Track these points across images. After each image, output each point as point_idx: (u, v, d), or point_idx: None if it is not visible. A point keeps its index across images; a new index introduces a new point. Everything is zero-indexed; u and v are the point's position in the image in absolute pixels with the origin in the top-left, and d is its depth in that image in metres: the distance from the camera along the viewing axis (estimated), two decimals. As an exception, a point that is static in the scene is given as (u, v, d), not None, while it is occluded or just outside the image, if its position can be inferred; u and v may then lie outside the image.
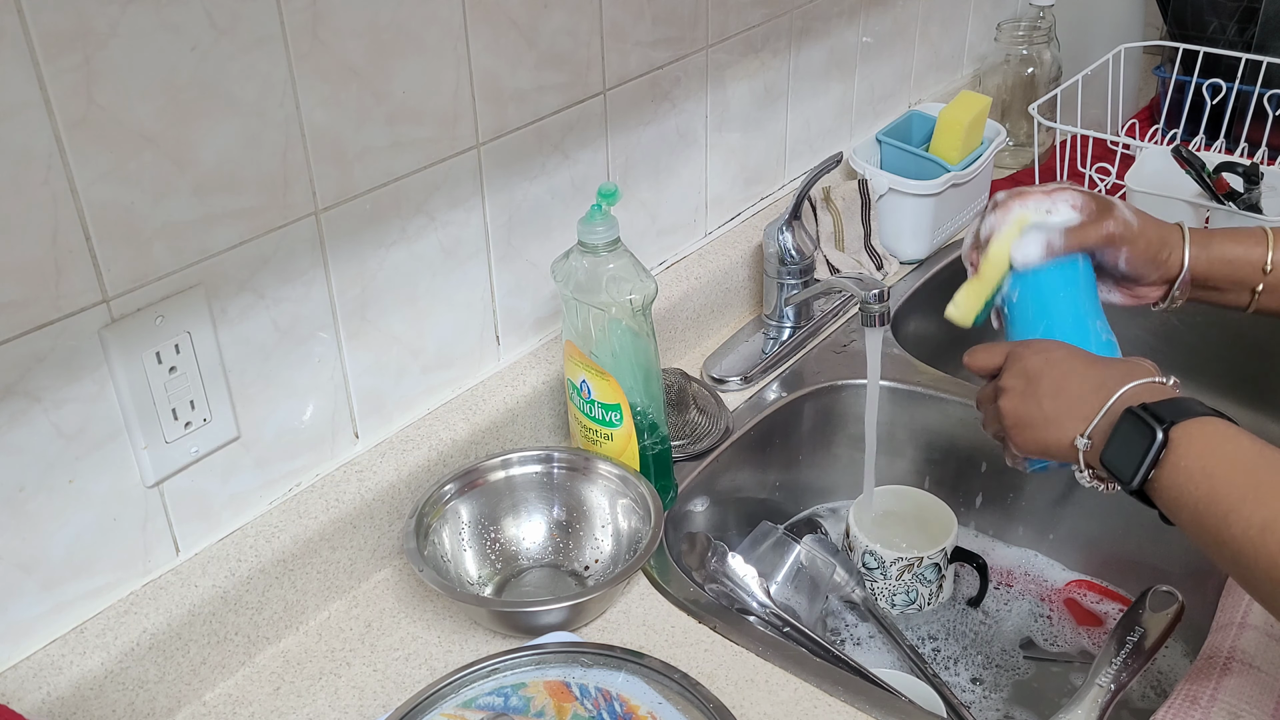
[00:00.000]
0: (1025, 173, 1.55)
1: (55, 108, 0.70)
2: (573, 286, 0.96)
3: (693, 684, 0.82)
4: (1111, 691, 0.87)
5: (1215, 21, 1.56)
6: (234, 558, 0.88)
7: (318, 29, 0.83)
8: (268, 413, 0.90)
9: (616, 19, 1.07)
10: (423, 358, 1.02)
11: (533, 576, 1.00)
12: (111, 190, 0.74)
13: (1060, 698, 1.00)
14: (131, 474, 0.82)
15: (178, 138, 0.77)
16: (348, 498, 0.94)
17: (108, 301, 0.77)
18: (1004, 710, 1.02)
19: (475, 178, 0.99)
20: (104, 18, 0.71)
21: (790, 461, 1.21)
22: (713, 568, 1.00)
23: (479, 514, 1.00)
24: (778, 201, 1.38)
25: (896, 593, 1.06)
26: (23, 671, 0.78)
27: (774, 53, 1.30)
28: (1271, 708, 0.79)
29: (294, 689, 0.88)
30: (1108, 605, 1.10)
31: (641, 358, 0.98)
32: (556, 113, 1.05)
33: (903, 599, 1.07)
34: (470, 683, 0.83)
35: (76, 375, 0.77)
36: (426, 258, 0.98)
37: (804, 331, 1.28)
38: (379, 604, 0.95)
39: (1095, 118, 1.53)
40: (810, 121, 1.41)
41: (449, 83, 0.94)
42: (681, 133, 1.21)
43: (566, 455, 1.02)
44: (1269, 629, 0.85)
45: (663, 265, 1.25)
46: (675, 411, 1.12)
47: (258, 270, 0.85)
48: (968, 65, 1.72)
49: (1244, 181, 1.24)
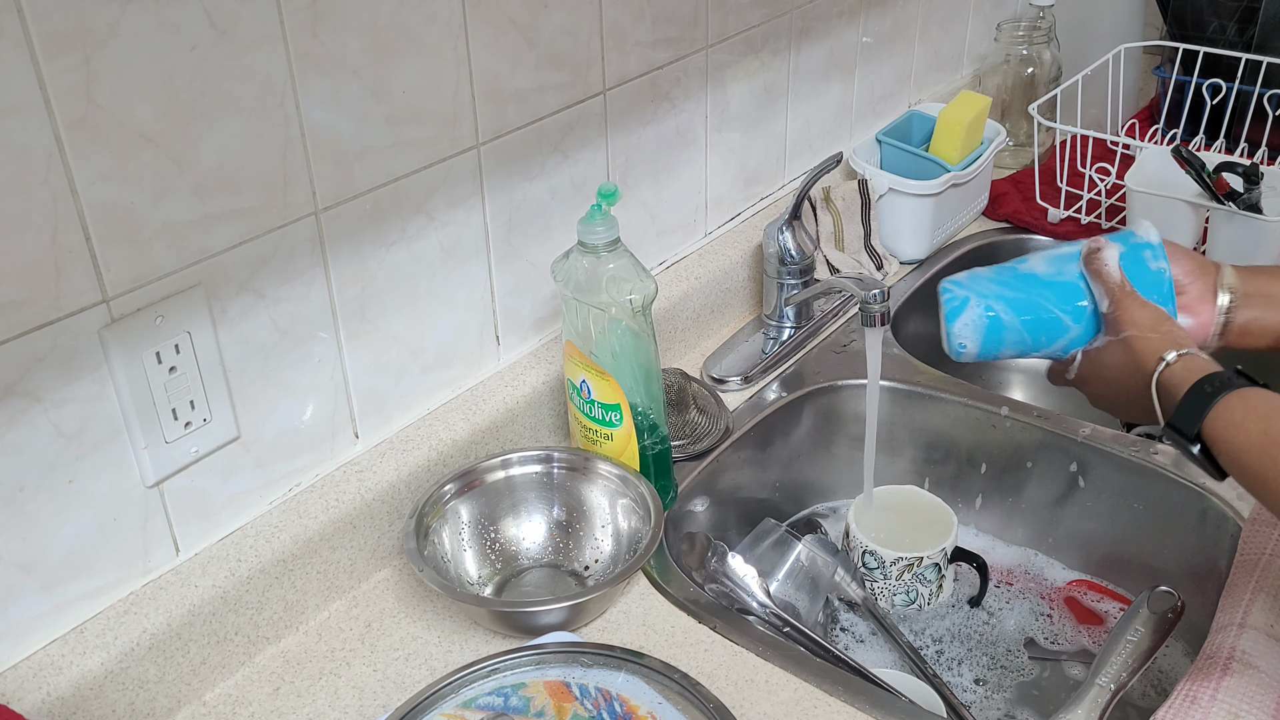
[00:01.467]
0: (1025, 173, 1.55)
1: (55, 107, 0.70)
2: (573, 286, 0.96)
3: (693, 684, 0.82)
4: (1112, 691, 0.87)
5: (1215, 21, 1.56)
6: (234, 558, 0.88)
7: (318, 29, 0.83)
8: (268, 413, 0.90)
9: (616, 19, 1.07)
10: (423, 358, 1.02)
11: (533, 576, 1.00)
12: (111, 190, 0.74)
13: (1061, 696, 1.00)
14: (131, 474, 0.82)
15: (178, 138, 0.77)
16: (348, 498, 0.94)
17: (108, 301, 0.77)
18: (1005, 710, 1.02)
19: (475, 178, 0.99)
20: (104, 18, 0.71)
21: (790, 461, 1.21)
22: (713, 568, 1.00)
23: (479, 514, 1.00)
24: (778, 201, 1.38)
25: (896, 593, 1.06)
26: (23, 671, 0.78)
27: (774, 53, 1.30)
28: (1271, 708, 0.79)
29: (294, 689, 0.88)
30: (1108, 604, 1.10)
31: (641, 358, 0.98)
32: (556, 113, 1.05)
33: (903, 599, 1.07)
34: (470, 683, 0.83)
35: (76, 375, 0.77)
36: (426, 258, 0.98)
37: (804, 331, 1.28)
38: (379, 604, 0.95)
39: (1095, 118, 1.53)
40: (810, 121, 1.41)
41: (449, 83, 0.94)
42: (681, 133, 1.21)
43: (566, 455, 1.02)
44: (1269, 629, 0.85)
45: (663, 265, 1.25)
46: (675, 411, 1.12)
47: (258, 270, 0.85)
48: (968, 65, 1.73)
49: (1244, 181, 1.24)
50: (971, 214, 1.49)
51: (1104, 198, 1.47)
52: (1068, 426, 1.13)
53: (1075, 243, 0.96)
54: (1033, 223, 1.47)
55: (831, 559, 1.06)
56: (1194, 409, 0.79)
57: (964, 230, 1.48)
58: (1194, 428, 0.78)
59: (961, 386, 1.20)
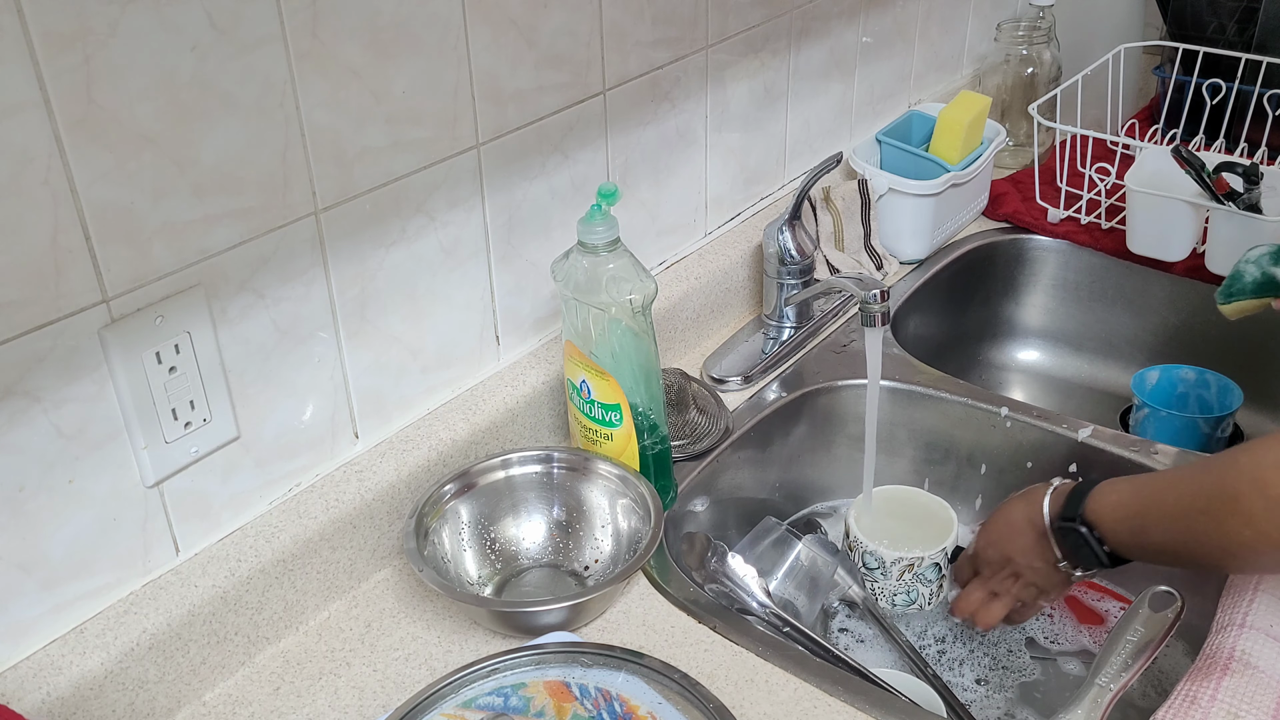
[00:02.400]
0: (1025, 173, 1.55)
1: (55, 108, 0.70)
2: (573, 286, 0.96)
3: (693, 684, 0.82)
4: (1112, 691, 0.87)
5: (1215, 21, 1.56)
6: (234, 558, 0.88)
7: (318, 29, 0.83)
8: (268, 413, 0.90)
9: (616, 19, 1.07)
10: (422, 358, 1.02)
11: (533, 576, 1.00)
12: (111, 190, 0.74)
13: (1061, 696, 1.00)
14: (131, 474, 0.82)
15: (178, 138, 0.77)
16: (348, 498, 0.94)
17: (108, 301, 0.77)
18: (1005, 709, 1.02)
19: (475, 178, 0.99)
20: (104, 18, 0.71)
21: (790, 461, 1.21)
22: (712, 568, 1.00)
23: (479, 514, 1.00)
24: (778, 201, 1.38)
25: (897, 593, 1.06)
26: (23, 671, 0.78)
27: (774, 53, 1.30)
28: (1271, 708, 0.79)
29: (294, 689, 0.88)
30: (1108, 604, 1.10)
31: (641, 358, 0.98)
32: (556, 113, 1.05)
33: (903, 599, 1.07)
34: (470, 683, 0.83)
35: (76, 375, 0.77)
36: (426, 258, 0.98)
37: (804, 331, 1.28)
38: (379, 604, 0.95)
39: (1095, 118, 1.53)
40: (810, 121, 1.41)
41: (449, 83, 0.94)
42: (681, 133, 1.21)
43: (566, 455, 1.02)
44: (1269, 629, 0.85)
45: (663, 265, 1.25)
46: (675, 411, 1.12)
47: (258, 270, 0.85)
48: (968, 65, 1.73)
49: (1244, 181, 1.24)
50: (971, 214, 1.49)
51: (1104, 198, 1.47)
52: (1068, 426, 1.13)
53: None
54: (1033, 223, 1.47)
55: (831, 559, 1.06)
56: (1077, 496, 0.93)
57: (964, 230, 1.48)
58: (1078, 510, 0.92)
59: (961, 386, 1.20)
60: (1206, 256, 1.31)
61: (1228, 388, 1.18)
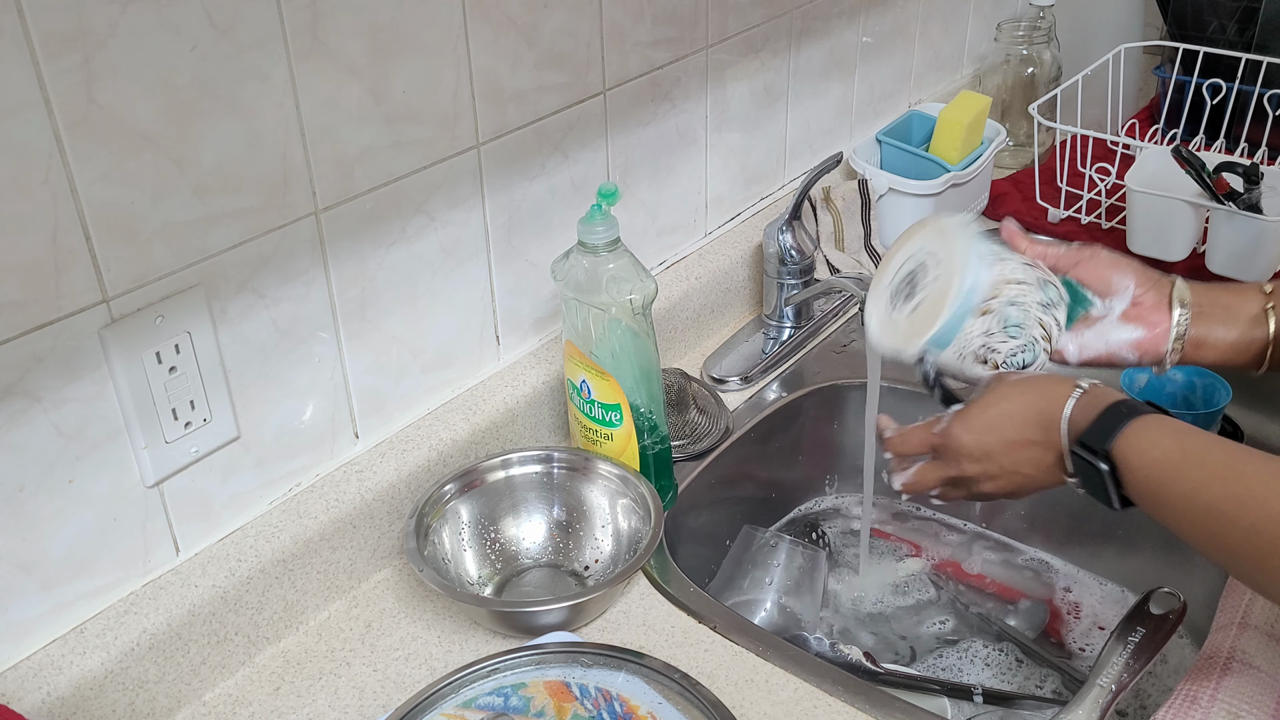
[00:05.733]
0: (1025, 172, 1.55)
1: (55, 107, 0.70)
2: (573, 286, 0.96)
3: (693, 684, 0.82)
4: (1112, 692, 0.87)
5: (1215, 21, 1.56)
6: (234, 558, 0.88)
7: (318, 29, 0.83)
8: (268, 413, 0.90)
9: (616, 19, 1.07)
10: (423, 358, 1.02)
11: (533, 576, 1.00)
12: (111, 190, 0.74)
13: (1061, 696, 1.00)
14: (131, 474, 0.82)
15: (178, 138, 0.77)
16: (348, 498, 0.94)
17: (108, 301, 0.77)
18: (1005, 709, 1.02)
19: (475, 178, 0.99)
20: (104, 18, 0.71)
21: (790, 461, 1.21)
22: None
23: (479, 514, 1.00)
24: (778, 201, 1.38)
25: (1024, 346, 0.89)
26: (23, 671, 0.78)
27: (774, 53, 1.30)
28: (1271, 708, 0.79)
29: (294, 689, 0.88)
30: (1108, 604, 1.10)
31: (641, 358, 0.98)
32: (556, 113, 1.05)
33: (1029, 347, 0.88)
34: (470, 683, 0.83)
35: (76, 375, 0.77)
36: (426, 258, 0.98)
37: (804, 331, 1.28)
38: (379, 604, 0.95)
39: (1095, 118, 1.53)
40: (810, 121, 1.41)
41: (449, 83, 0.94)
42: (681, 133, 1.21)
43: (566, 455, 1.02)
44: (1269, 629, 0.85)
45: (663, 265, 1.25)
46: (675, 411, 1.12)
47: (258, 270, 0.85)
48: (968, 65, 1.73)
49: (1244, 181, 1.24)
50: (971, 214, 1.49)
51: (1104, 198, 1.47)
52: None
53: None
54: (1033, 223, 1.47)
55: (814, 550, 1.05)
56: (1107, 426, 0.77)
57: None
58: (1105, 444, 0.76)
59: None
60: (1207, 257, 1.31)
61: (1215, 385, 1.17)
